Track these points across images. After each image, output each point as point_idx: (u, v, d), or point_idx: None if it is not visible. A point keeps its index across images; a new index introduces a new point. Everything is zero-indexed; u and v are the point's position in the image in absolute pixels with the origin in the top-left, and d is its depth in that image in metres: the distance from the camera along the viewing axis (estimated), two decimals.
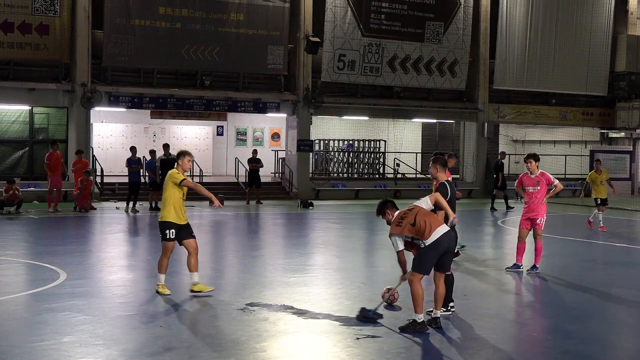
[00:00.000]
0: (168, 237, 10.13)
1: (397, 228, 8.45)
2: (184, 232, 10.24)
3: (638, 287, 11.69)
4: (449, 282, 9.29)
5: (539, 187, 12.40)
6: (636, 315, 9.96)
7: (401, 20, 30.40)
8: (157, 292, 10.18)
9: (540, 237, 12.48)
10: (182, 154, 10.33)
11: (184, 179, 10.11)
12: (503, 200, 25.59)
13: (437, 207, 8.98)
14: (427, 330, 8.27)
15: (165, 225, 10.14)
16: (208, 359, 7.39)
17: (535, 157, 12.56)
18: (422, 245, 8.36)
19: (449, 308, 9.28)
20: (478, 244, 16.95)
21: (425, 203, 8.71)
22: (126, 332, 8.37)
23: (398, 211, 8.73)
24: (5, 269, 12.27)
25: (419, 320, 8.28)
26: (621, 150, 36.12)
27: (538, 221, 12.40)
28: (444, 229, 8.40)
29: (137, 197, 22.66)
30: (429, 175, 10.19)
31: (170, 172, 10.27)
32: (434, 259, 8.37)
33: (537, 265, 12.49)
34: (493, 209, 25.22)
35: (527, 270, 12.47)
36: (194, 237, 10.35)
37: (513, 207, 25.21)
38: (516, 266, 12.57)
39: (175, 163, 10.32)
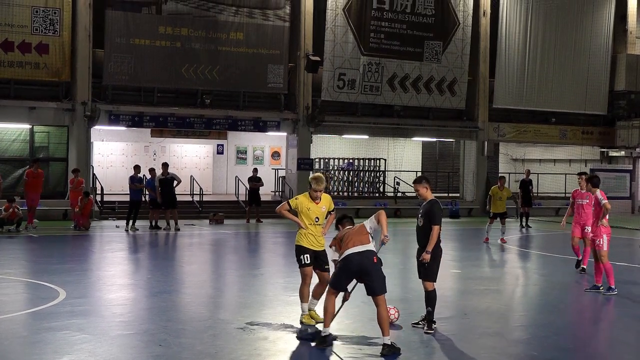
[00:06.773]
0: (303, 262, 9.53)
1: (333, 240, 8.90)
2: (319, 260, 9.65)
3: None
4: (432, 297, 9.21)
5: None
6: None
7: (400, 40, 30.52)
8: (301, 322, 9.47)
9: (604, 259, 12.27)
10: (309, 182, 9.70)
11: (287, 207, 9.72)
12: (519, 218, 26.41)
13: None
14: (329, 344, 8.41)
15: (299, 250, 9.59)
16: None
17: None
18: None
19: (432, 326, 9.22)
20: (478, 262, 16.92)
21: (371, 222, 8.75)
22: (125, 351, 8.33)
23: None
24: (4, 288, 12.23)
25: (323, 334, 8.49)
26: (621, 169, 36.14)
27: (598, 242, 12.33)
28: (359, 248, 8.43)
29: (137, 215, 22.61)
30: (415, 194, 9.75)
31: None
32: (344, 276, 8.55)
33: (613, 287, 12.21)
34: (528, 226, 25.76)
35: (603, 293, 12.28)
36: (326, 269, 9.63)
37: (531, 227, 25.88)
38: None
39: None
